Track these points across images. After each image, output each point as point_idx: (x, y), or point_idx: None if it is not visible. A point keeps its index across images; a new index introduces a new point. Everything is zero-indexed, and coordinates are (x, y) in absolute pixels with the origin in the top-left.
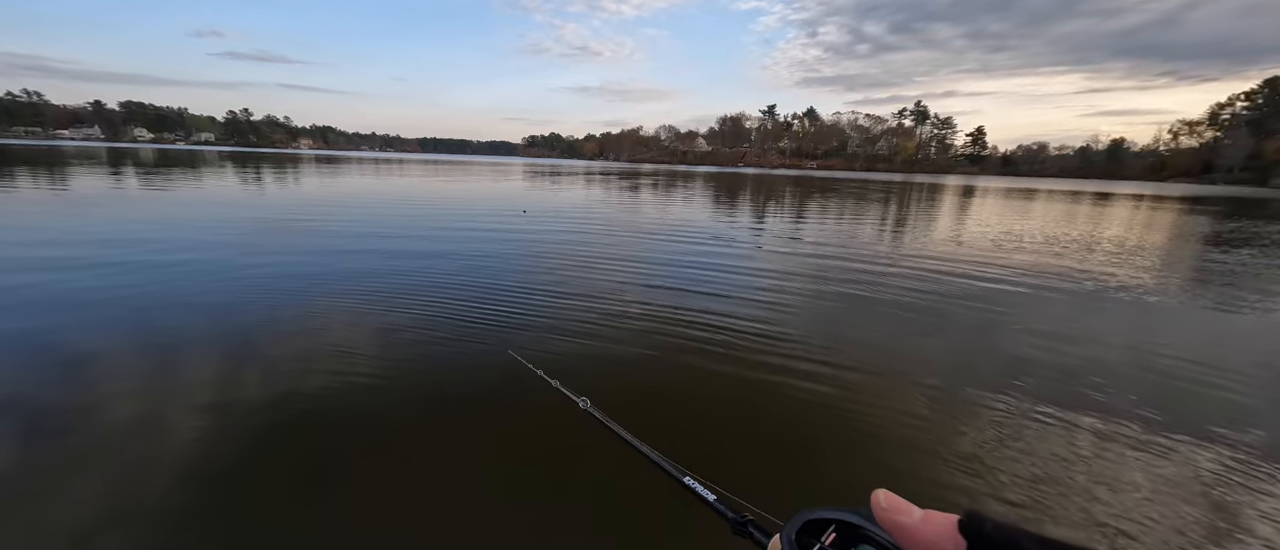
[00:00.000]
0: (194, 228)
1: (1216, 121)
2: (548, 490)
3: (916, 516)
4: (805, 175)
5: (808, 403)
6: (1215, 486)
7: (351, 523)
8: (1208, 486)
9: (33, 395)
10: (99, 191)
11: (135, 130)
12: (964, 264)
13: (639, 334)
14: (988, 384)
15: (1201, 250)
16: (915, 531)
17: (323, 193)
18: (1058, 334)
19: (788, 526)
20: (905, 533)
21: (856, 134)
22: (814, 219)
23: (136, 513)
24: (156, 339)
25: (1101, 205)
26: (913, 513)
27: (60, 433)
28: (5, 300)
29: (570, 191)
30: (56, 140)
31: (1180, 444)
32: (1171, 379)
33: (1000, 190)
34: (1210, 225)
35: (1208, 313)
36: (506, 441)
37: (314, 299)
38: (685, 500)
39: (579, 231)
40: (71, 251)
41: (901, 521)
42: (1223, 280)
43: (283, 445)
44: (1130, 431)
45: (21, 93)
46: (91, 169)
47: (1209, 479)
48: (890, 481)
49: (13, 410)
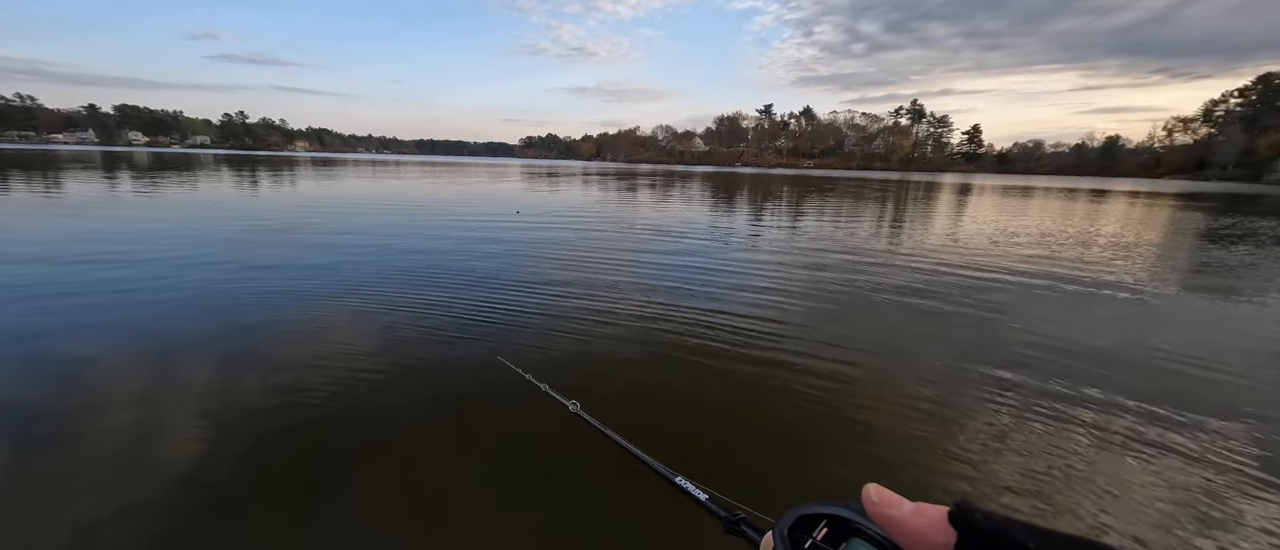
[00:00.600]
0: (181, 232)
1: (1210, 118)
2: (542, 495)
3: (907, 509)
4: (802, 174)
5: (803, 400)
6: (1213, 481)
7: (341, 531)
8: (1206, 481)
9: (32, 397)
10: (93, 196)
11: (130, 134)
12: (961, 260)
13: (633, 333)
14: (984, 380)
15: (1198, 245)
16: (906, 524)
17: (317, 196)
18: (1055, 331)
19: (780, 522)
20: (896, 525)
21: (853, 133)
22: (810, 217)
23: (136, 511)
24: (142, 341)
25: (1097, 202)
26: (903, 506)
27: (60, 433)
28: (7, 301)
29: (568, 192)
30: (51, 144)
31: (1179, 440)
32: (1172, 374)
33: (997, 188)
34: (1205, 221)
35: (1206, 307)
36: (497, 447)
37: (302, 303)
38: (678, 501)
39: (574, 232)
40: (71, 251)
41: (892, 514)
42: (1220, 274)
43: (271, 451)
44: (1129, 427)
45: (15, 96)
46: (85, 174)
47: (1208, 474)
48: (886, 477)
49: (13, 411)
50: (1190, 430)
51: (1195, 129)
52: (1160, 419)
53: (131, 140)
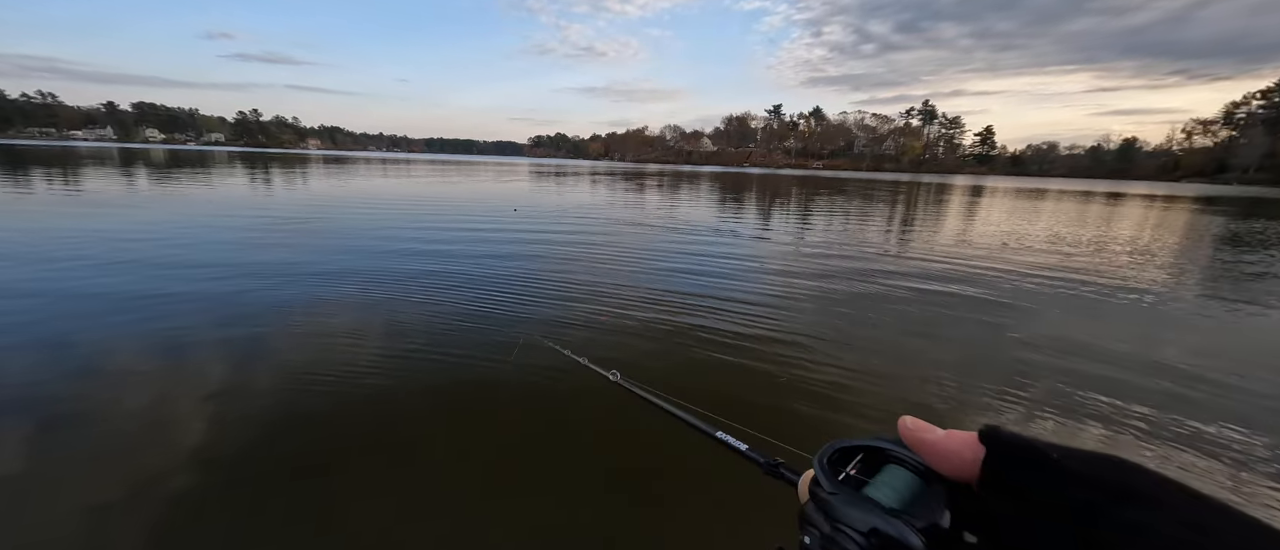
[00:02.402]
0: (194, 227)
1: (1231, 120)
2: (585, 462)
3: (939, 433)
4: (811, 175)
5: (814, 397)
6: (1229, 494)
7: (363, 521)
8: (1219, 492)
9: (47, 387)
10: (113, 194)
11: (147, 131)
12: (974, 263)
13: (646, 330)
14: (994, 383)
15: (1222, 251)
16: (939, 444)
17: (331, 192)
18: (1070, 337)
19: (819, 453)
20: (929, 447)
21: (863, 134)
22: (820, 217)
23: (143, 498)
24: (152, 334)
25: (1114, 205)
26: (936, 431)
27: (69, 423)
28: (16, 299)
29: (575, 191)
30: (70, 141)
31: (1195, 451)
32: (1195, 384)
33: (1009, 190)
34: (1227, 225)
35: (1233, 316)
36: (540, 424)
37: (322, 294)
38: (720, 455)
39: (582, 230)
40: (76, 250)
41: (925, 438)
42: (1249, 280)
43: (287, 440)
44: (1146, 437)
45: (36, 94)
46: (104, 170)
47: (1222, 485)
48: None
49: (29, 401)
50: (1214, 444)
51: (1215, 131)
52: (1183, 434)
53: (148, 137)
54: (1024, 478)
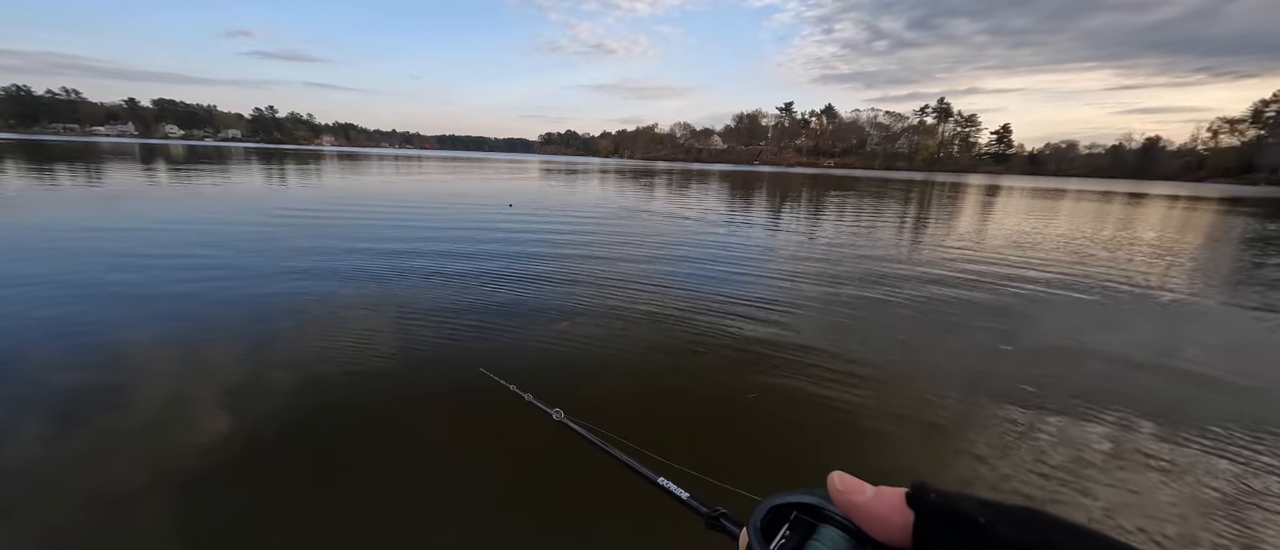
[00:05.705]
0: (209, 224)
1: (1259, 119)
2: (535, 505)
3: (868, 494)
4: (822, 173)
5: (804, 401)
6: (1239, 502)
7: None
8: (1231, 503)
9: (64, 378)
10: (134, 187)
11: (166, 127)
12: (984, 265)
13: (630, 337)
14: (998, 389)
15: (1254, 253)
16: (867, 508)
17: (344, 189)
18: (1093, 343)
19: (754, 514)
20: (859, 511)
21: (876, 132)
22: (830, 216)
23: (158, 485)
24: (173, 327)
25: (1134, 206)
26: (865, 491)
27: (80, 413)
28: (15, 296)
29: (584, 190)
30: (92, 137)
31: (1205, 459)
32: (1214, 391)
33: (1025, 190)
34: (1259, 227)
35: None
36: (485, 458)
37: (322, 294)
38: (663, 501)
39: (583, 230)
40: (86, 244)
41: (855, 500)
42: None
43: (224, 464)
44: (1157, 445)
45: (61, 90)
46: (126, 165)
47: (1234, 495)
48: (885, 478)
49: (49, 391)
50: (1226, 452)
51: (1243, 131)
52: (1194, 442)
53: (168, 133)
54: (953, 544)
